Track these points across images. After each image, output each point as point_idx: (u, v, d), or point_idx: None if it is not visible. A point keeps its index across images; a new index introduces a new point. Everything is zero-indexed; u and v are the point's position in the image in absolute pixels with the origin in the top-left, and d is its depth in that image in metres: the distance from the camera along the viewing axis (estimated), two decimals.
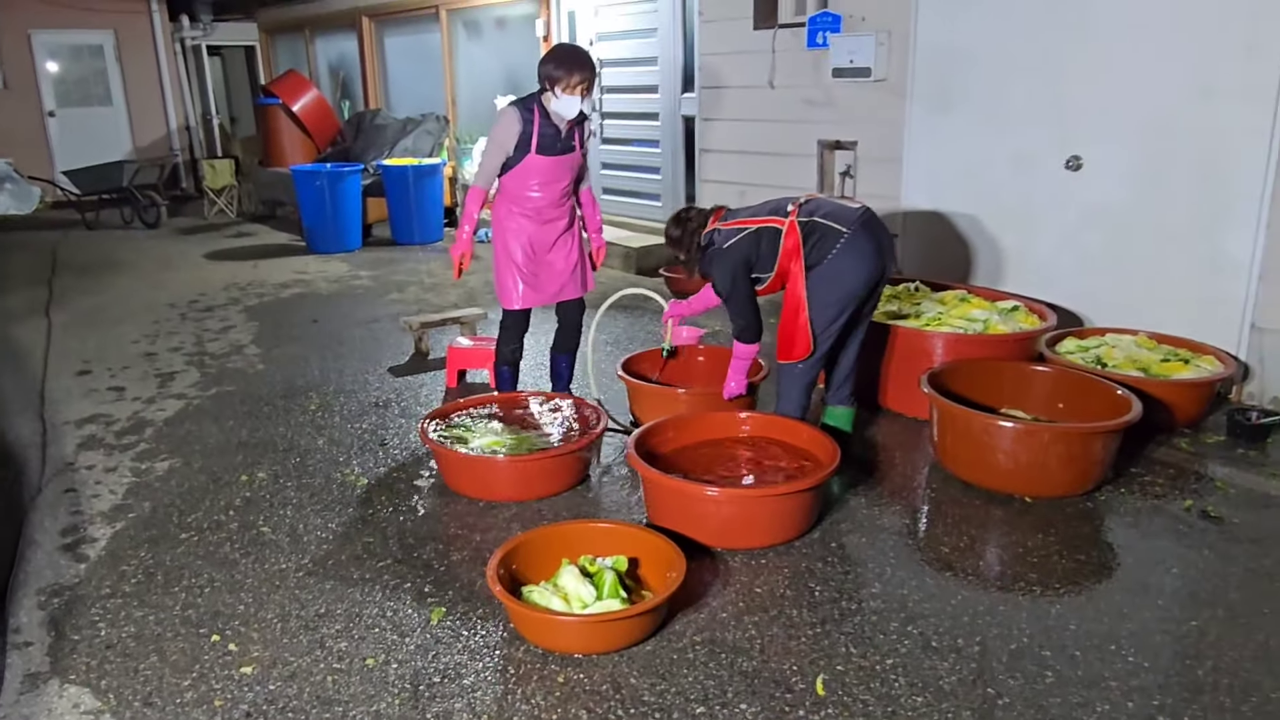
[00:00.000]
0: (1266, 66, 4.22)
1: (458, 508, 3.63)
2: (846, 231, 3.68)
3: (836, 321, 3.77)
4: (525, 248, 4.15)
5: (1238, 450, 4.05)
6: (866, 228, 3.72)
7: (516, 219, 4.13)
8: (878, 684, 2.56)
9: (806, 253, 3.72)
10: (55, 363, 5.62)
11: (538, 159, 3.99)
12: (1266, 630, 2.78)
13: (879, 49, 5.76)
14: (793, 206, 3.80)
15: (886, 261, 3.79)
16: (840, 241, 3.68)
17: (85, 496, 3.79)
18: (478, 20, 10.46)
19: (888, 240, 3.82)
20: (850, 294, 3.73)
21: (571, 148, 4.08)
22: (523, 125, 3.94)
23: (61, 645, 2.79)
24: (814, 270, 3.71)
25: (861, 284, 3.73)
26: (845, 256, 3.68)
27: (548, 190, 4.09)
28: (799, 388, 3.91)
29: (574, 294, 4.35)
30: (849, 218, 3.72)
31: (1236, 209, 4.42)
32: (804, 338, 3.76)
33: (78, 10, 12.83)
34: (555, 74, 3.88)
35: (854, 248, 3.68)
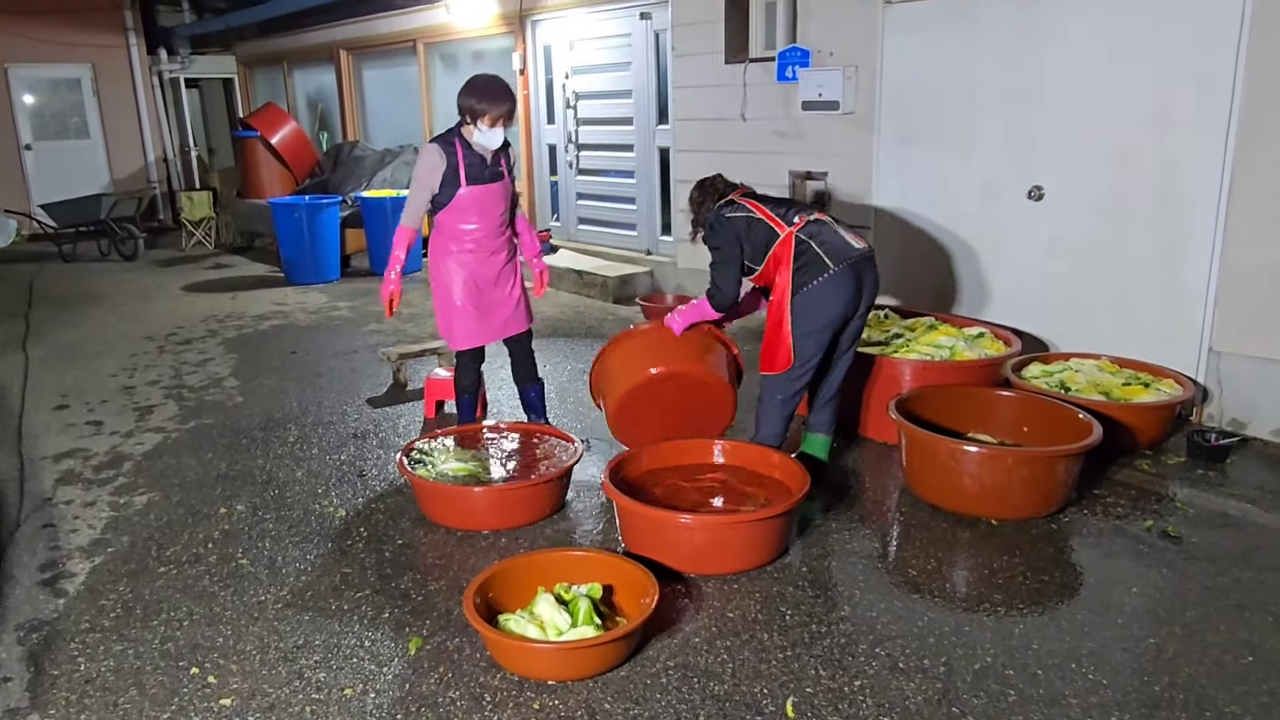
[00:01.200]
0: (1218, 99, 4.39)
1: (435, 538, 3.68)
2: (833, 269, 3.77)
3: (816, 349, 3.85)
4: (466, 285, 4.16)
5: (1197, 471, 4.17)
6: (853, 269, 3.80)
7: (455, 257, 4.15)
8: (846, 705, 2.62)
9: (794, 270, 3.81)
10: (32, 397, 5.62)
11: (470, 190, 4.03)
12: (1221, 646, 2.87)
13: (847, 83, 5.92)
14: (799, 220, 3.89)
15: (864, 301, 3.88)
16: (824, 275, 3.77)
17: (64, 531, 3.81)
18: (455, 53, 10.60)
19: (872, 282, 3.90)
20: (826, 324, 3.82)
21: (500, 174, 4.11)
22: (446, 160, 3.98)
23: (41, 680, 2.81)
24: (797, 294, 3.81)
25: (836, 316, 3.82)
26: (825, 289, 3.78)
27: (485, 221, 4.12)
28: (779, 416, 3.98)
29: (518, 328, 4.37)
30: (841, 255, 3.80)
31: (1193, 237, 4.58)
32: (785, 349, 3.85)
33: (55, 45, 12.87)
34: (478, 107, 3.92)
35: (835, 284, 3.78)
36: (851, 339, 4.01)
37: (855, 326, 3.97)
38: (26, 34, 12.62)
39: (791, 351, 3.84)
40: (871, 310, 4.05)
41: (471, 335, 4.25)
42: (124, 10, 13.34)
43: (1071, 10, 4.85)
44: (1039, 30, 4.99)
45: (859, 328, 4.00)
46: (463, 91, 3.98)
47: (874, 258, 3.94)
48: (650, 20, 7.78)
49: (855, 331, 4.00)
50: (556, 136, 9.16)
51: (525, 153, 9.45)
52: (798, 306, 3.81)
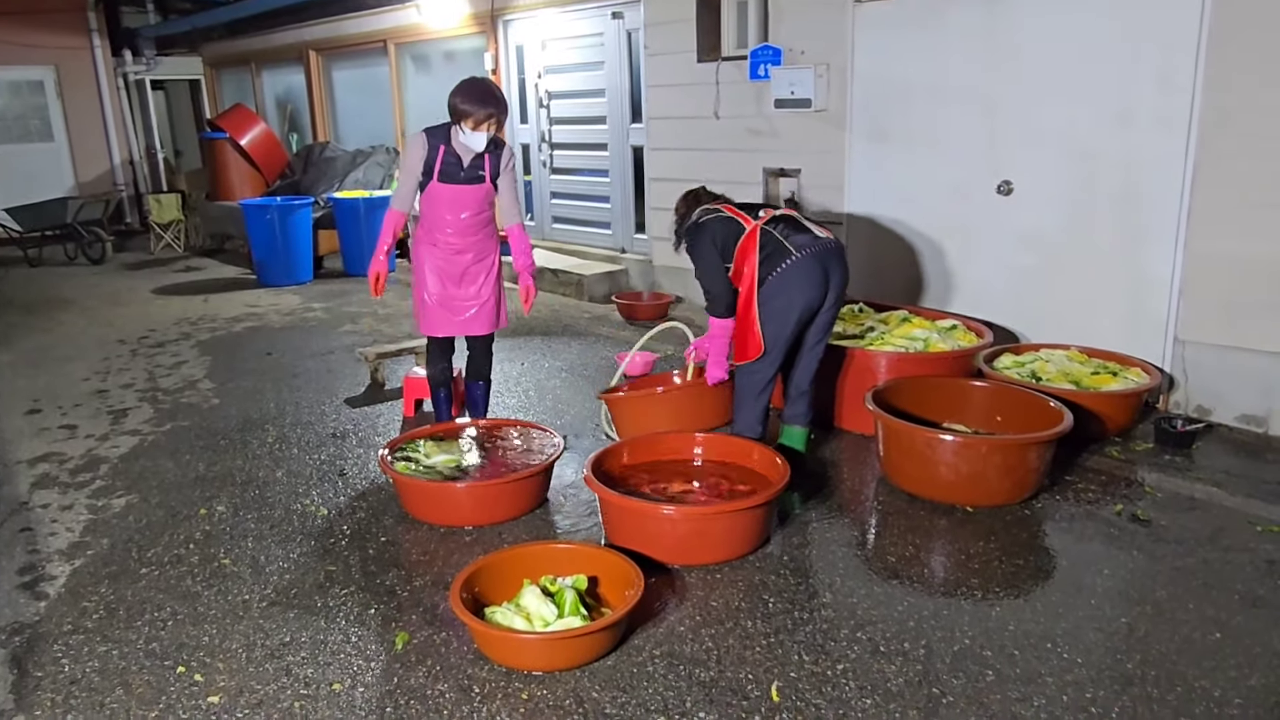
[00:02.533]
0: (1178, 96, 4.50)
1: (419, 534, 3.69)
2: (796, 255, 3.85)
3: (781, 335, 3.92)
4: (433, 275, 4.24)
5: (1165, 456, 4.28)
6: (817, 258, 3.88)
7: (426, 246, 4.23)
8: (829, 688, 2.68)
9: (760, 261, 3.90)
10: (3, 402, 5.55)
11: (439, 186, 4.08)
12: (1190, 624, 2.96)
13: (818, 81, 5.99)
14: (765, 214, 4.02)
15: (830, 292, 3.95)
16: (786, 261, 3.85)
17: (42, 535, 3.78)
18: (426, 53, 10.57)
19: (840, 273, 3.97)
20: (790, 310, 3.88)
21: (478, 178, 4.11)
22: (427, 151, 4.04)
23: (25, 682, 2.80)
24: (763, 284, 3.89)
25: (800, 306, 3.88)
26: (788, 277, 3.85)
27: (454, 219, 4.14)
28: (752, 407, 4.06)
29: (479, 330, 4.38)
30: (804, 243, 3.90)
31: (1157, 229, 4.69)
32: (754, 338, 3.93)
33: (17, 46, 12.67)
34: (463, 109, 3.95)
35: (798, 271, 3.85)
36: (821, 331, 4.06)
37: (824, 319, 4.03)
38: None
39: (760, 339, 3.92)
40: (841, 304, 4.11)
41: (433, 324, 4.30)
42: (88, 11, 13.15)
43: (1035, 10, 4.95)
44: (1004, 30, 5.08)
45: (828, 320, 4.05)
46: (453, 92, 4.01)
47: (841, 250, 4.02)
48: (622, 20, 7.81)
49: (824, 324, 4.05)
50: (530, 136, 9.17)
51: None
52: (764, 295, 3.89)
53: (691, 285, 7.48)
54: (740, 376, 4.06)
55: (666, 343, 6.14)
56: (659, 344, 6.17)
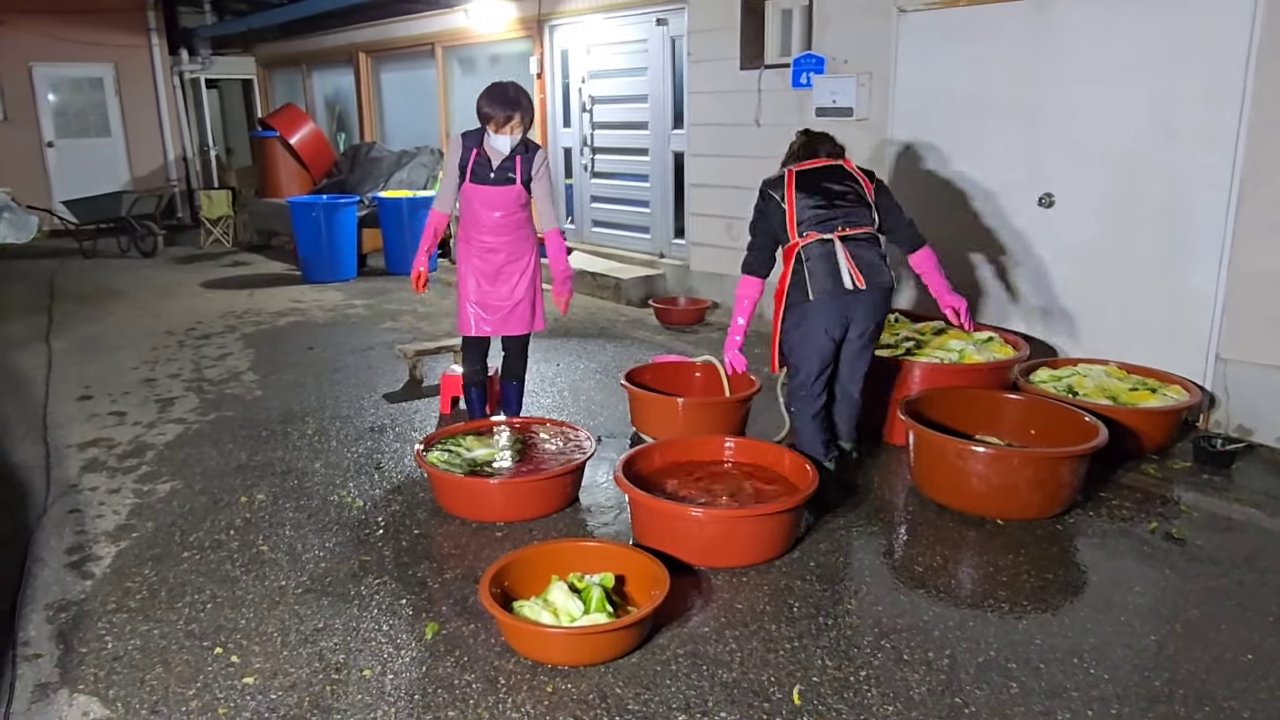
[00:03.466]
0: (1225, 111, 4.44)
1: (451, 528, 3.76)
2: (812, 299, 3.81)
3: (802, 359, 3.92)
4: (474, 276, 4.32)
5: (1203, 476, 4.22)
6: (836, 302, 3.79)
7: (464, 245, 4.32)
8: (851, 694, 2.69)
9: (789, 283, 3.89)
10: (56, 388, 5.73)
11: (470, 187, 4.18)
12: (1221, 644, 2.93)
13: (860, 90, 5.99)
14: (809, 235, 3.84)
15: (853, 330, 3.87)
16: (804, 303, 3.84)
17: (89, 517, 3.91)
18: (473, 57, 10.71)
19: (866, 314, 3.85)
20: (807, 344, 3.88)
21: (508, 180, 4.17)
22: (463, 152, 4.15)
23: (70, 657, 2.90)
24: (786, 312, 3.93)
25: (816, 341, 3.86)
26: (805, 314, 3.86)
27: (486, 219, 4.23)
28: (802, 421, 4.03)
29: (515, 330, 4.43)
30: (823, 288, 3.79)
31: (1200, 245, 4.63)
32: (774, 354, 4.02)
33: (79, 44, 13.06)
34: (486, 113, 4.05)
35: (814, 312, 3.83)
36: (855, 350, 3.96)
37: (850, 350, 3.95)
38: (51, 33, 12.81)
39: (775, 358, 4.02)
40: (874, 336, 3.97)
41: (467, 323, 4.38)
42: (146, 11, 13.52)
43: (1081, 22, 4.92)
44: (1049, 41, 5.05)
45: (855, 352, 3.96)
46: (480, 97, 4.11)
47: (874, 297, 3.85)
48: (667, 26, 7.86)
49: (852, 354, 3.97)
50: (572, 140, 9.25)
51: None
52: (784, 325, 3.96)
53: (729, 291, 7.52)
54: (790, 399, 4.10)
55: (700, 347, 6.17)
56: (694, 349, 6.20)
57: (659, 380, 4.93)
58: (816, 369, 3.92)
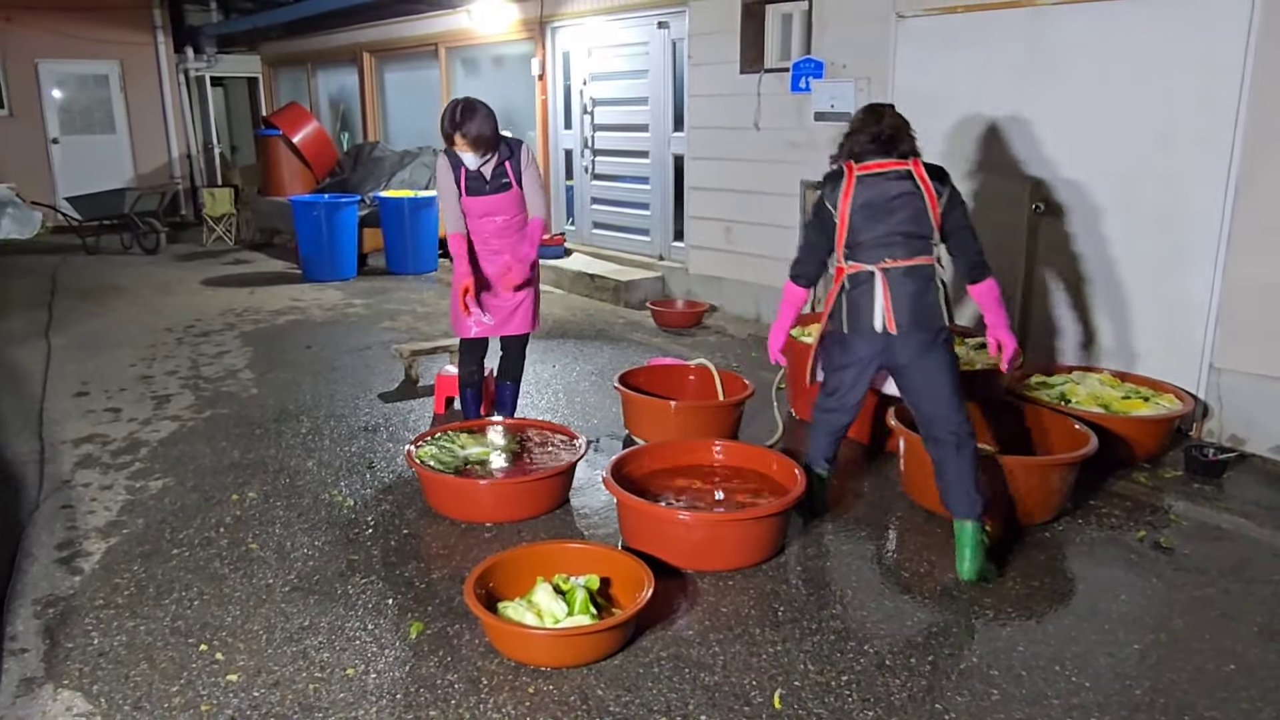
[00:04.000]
0: (1223, 118, 4.44)
1: (440, 528, 3.77)
2: (845, 333, 3.49)
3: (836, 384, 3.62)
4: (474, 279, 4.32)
5: (1194, 485, 4.21)
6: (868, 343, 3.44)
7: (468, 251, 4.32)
8: (832, 699, 2.70)
9: (829, 314, 3.54)
10: (54, 384, 5.76)
11: (469, 200, 4.21)
12: (1205, 654, 2.93)
13: (859, 94, 6.00)
14: (855, 265, 3.42)
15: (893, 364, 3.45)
16: (839, 335, 3.52)
17: (81, 512, 3.92)
18: (476, 58, 10.74)
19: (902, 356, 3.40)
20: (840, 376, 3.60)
21: (504, 186, 4.18)
22: (453, 172, 4.18)
23: (56, 652, 2.92)
24: (824, 336, 3.62)
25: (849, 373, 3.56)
26: (837, 350, 3.58)
27: (490, 225, 4.25)
28: (815, 428, 3.76)
29: (516, 330, 4.45)
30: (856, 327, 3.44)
31: (1195, 253, 4.63)
32: (804, 370, 3.77)
33: (85, 41, 13.12)
34: (442, 134, 4.07)
35: (848, 346, 3.51)
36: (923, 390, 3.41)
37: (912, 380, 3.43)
38: (57, 30, 12.87)
39: (808, 373, 3.73)
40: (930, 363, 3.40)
41: (463, 327, 4.40)
42: (152, 8, 13.57)
43: (1078, 29, 4.92)
44: (1045, 49, 5.06)
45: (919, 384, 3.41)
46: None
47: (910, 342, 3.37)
48: (668, 29, 7.88)
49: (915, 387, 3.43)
50: (573, 141, 9.27)
51: (542, 157, 9.56)
52: (822, 346, 3.67)
53: (727, 294, 7.55)
54: (816, 400, 3.80)
55: (697, 350, 6.18)
56: (691, 352, 6.21)
57: (653, 383, 4.94)
58: (853, 399, 3.62)
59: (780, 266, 6.85)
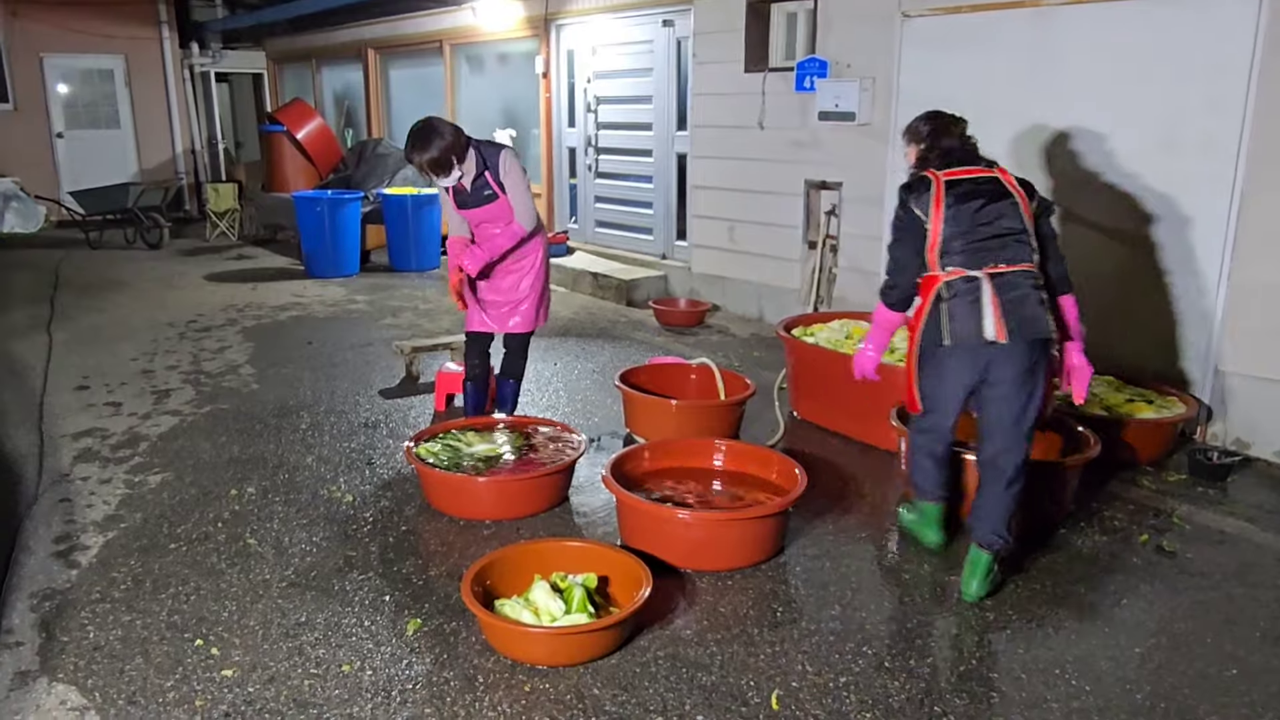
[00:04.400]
0: (1229, 121, 4.41)
1: (438, 525, 3.76)
2: (945, 344, 3.20)
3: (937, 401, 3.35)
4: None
5: (1198, 489, 4.19)
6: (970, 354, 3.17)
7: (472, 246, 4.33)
8: (830, 700, 2.68)
9: (926, 315, 3.26)
10: (55, 378, 5.75)
11: (463, 212, 4.26)
12: (1207, 658, 2.91)
13: (863, 94, 5.98)
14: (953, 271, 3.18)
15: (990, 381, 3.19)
16: (938, 347, 3.24)
17: (79, 506, 3.92)
18: (480, 55, 10.72)
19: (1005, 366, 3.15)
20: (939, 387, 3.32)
21: (490, 198, 4.16)
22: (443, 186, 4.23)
23: (51, 646, 2.91)
24: (920, 350, 3.33)
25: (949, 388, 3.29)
26: (937, 359, 3.28)
27: (484, 232, 4.26)
28: (918, 464, 3.51)
29: (517, 329, 4.43)
30: (959, 337, 3.16)
31: (1201, 257, 4.60)
32: (910, 396, 3.44)
33: (90, 36, 13.12)
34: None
35: (947, 359, 3.24)
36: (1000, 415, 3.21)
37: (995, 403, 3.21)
38: (62, 24, 12.87)
39: (915, 397, 3.42)
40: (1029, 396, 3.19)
41: (470, 321, 4.43)
42: (158, 4, 13.58)
43: (1083, 31, 4.89)
44: (1051, 50, 5.03)
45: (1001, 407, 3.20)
46: None
47: (1019, 350, 3.14)
48: (672, 27, 7.86)
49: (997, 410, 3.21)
50: (577, 140, 9.25)
51: (545, 155, 9.55)
52: (919, 361, 3.36)
53: (729, 294, 7.53)
54: (910, 425, 3.58)
55: (699, 349, 6.16)
56: (693, 351, 6.19)
57: (654, 382, 4.92)
58: (952, 417, 3.36)
59: (783, 266, 6.93)
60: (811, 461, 4.20)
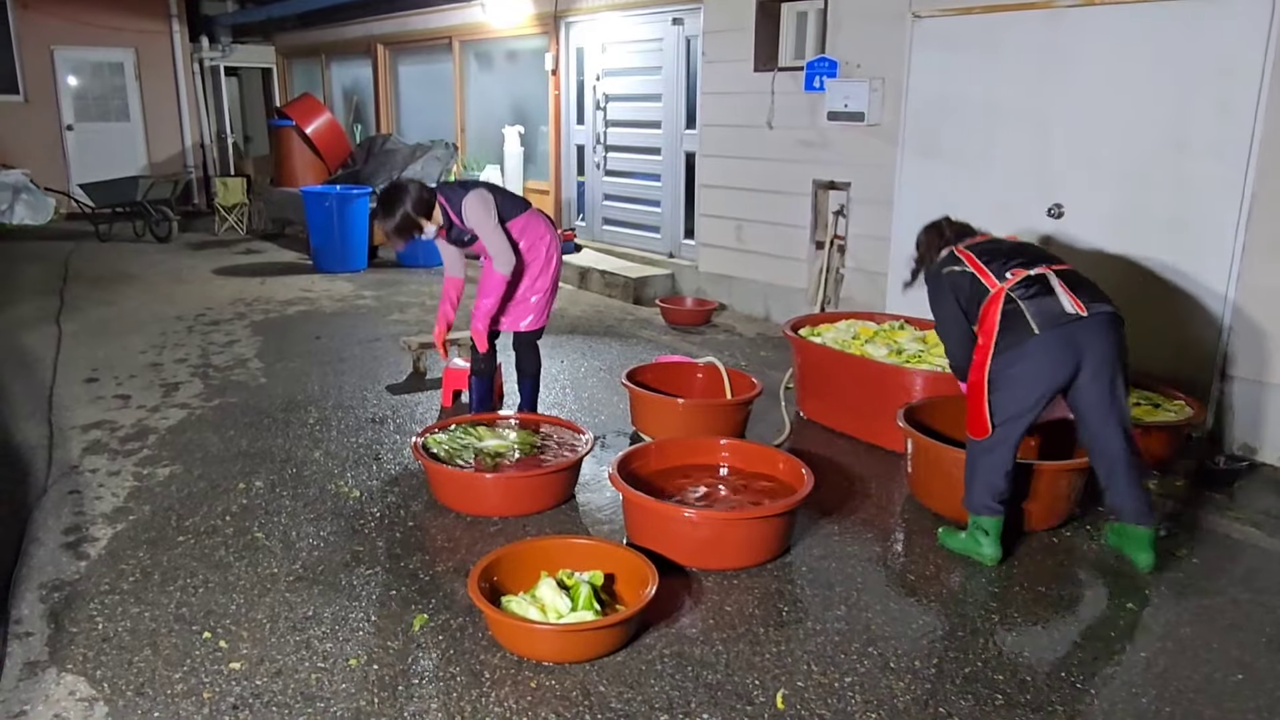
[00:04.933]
0: (1240, 123, 4.40)
1: (445, 521, 3.77)
2: (1036, 333, 3.29)
3: (1018, 418, 3.38)
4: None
5: (1204, 493, 4.18)
6: (1064, 334, 3.29)
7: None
8: (835, 700, 2.68)
9: (999, 330, 3.38)
10: (64, 370, 5.78)
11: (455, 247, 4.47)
12: (1212, 664, 2.90)
13: (873, 94, 5.97)
14: (1013, 275, 3.42)
15: (1086, 367, 3.32)
16: (1027, 340, 3.31)
17: (88, 498, 3.94)
18: (489, 52, 10.74)
19: (1100, 347, 3.32)
20: (1024, 386, 3.35)
21: (471, 240, 4.32)
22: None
23: (60, 637, 2.93)
24: (998, 357, 3.38)
25: (1040, 385, 3.34)
26: (1026, 354, 3.32)
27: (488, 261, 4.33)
28: (981, 468, 3.48)
29: (523, 327, 4.52)
30: (1050, 319, 3.30)
31: (1209, 261, 4.59)
32: (981, 415, 3.42)
33: (100, 29, 13.16)
34: None
35: (1039, 349, 3.30)
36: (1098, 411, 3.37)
37: (1089, 396, 3.36)
38: (73, 17, 12.92)
39: (986, 418, 3.40)
40: (1118, 380, 3.38)
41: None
42: None
43: (1095, 32, 4.89)
44: (1062, 51, 5.02)
45: (1101, 391, 3.34)
46: None
47: (1102, 324, 3.34)
48: (682, 26, 7.86)
49: (1093, 401, 3.36)
50: (585, 137, 9.26)
51: (554, 153, 9.57)
52: (995, 370, 3.38)
53: (736, 293, 7.53)
54: (969, 448, 3.54)
55: (706, 348, 6.17)
56: (700, 350, 6.20)
57: (661, 380, 4.93)
58: (1029, 421, 3.40)
59: (790, 266, 6.93)
60: (817, 461, 4.21)
